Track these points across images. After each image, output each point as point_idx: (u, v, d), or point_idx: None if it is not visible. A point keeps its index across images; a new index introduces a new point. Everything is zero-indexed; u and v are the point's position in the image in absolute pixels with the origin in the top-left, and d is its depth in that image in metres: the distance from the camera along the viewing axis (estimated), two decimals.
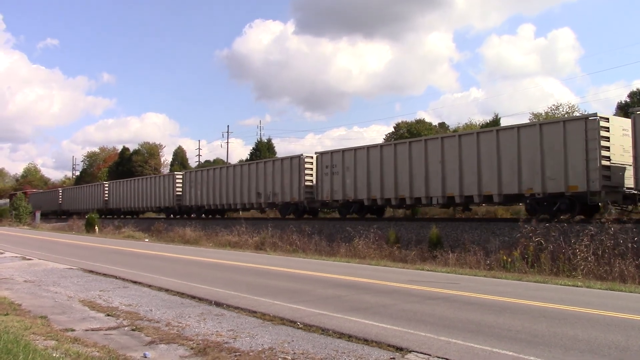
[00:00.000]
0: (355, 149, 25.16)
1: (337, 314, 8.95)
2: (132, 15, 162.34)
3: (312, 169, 27.61)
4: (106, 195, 50.45)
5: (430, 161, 21.56)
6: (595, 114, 17.34)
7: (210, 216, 37.16)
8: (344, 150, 25.80)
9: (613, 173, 17.00)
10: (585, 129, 17.14)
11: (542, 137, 18.17)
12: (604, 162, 16.84)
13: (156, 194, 41.46)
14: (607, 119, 17.27)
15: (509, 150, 19.06)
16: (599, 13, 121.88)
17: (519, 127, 19.22)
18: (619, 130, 17.25)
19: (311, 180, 27.56)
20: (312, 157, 27.84)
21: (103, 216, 48.91)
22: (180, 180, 38.83)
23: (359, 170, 24.59)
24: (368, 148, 24.56)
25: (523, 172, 18.66)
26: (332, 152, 26.53)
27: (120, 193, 48.06)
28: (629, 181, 16.72)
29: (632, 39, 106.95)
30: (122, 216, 48.67)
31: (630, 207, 18.85)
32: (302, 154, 28.12)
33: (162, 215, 43.52)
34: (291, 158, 28.84)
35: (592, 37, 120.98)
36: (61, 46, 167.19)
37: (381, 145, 24.49)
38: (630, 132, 16.57)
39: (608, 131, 16.97)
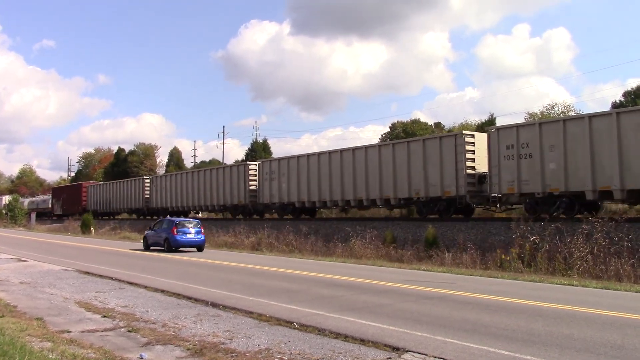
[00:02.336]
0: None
1: (334, 314, 8.95)
2: (127, 16, 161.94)
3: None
4: (252, 183, 31.03)
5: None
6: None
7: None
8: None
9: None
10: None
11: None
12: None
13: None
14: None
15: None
16: (594, 13, 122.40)
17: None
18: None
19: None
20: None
21: (247, 217, 31.84)
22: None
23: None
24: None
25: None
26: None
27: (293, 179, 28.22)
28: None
29: (627, 39, 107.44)
30: (288, 216, 29.34)
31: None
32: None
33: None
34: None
35: (587, 36, 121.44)
36: (57, 47, 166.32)
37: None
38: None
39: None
